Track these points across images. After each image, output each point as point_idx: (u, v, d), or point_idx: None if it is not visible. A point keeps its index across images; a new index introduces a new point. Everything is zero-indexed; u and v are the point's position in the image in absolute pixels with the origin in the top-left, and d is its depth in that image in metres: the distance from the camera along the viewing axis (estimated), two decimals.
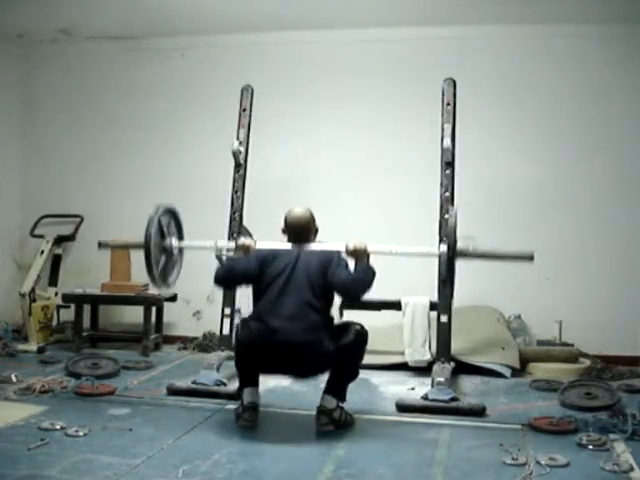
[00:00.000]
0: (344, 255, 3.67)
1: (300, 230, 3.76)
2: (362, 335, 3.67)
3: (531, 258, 3.81)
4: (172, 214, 4.17)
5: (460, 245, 3.79)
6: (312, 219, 3.81)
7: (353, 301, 3.67)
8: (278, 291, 3.57)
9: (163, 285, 4.13)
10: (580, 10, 5.19)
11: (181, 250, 4.21)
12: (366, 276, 3.62)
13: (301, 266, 3.62)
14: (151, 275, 3.94)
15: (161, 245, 4.03)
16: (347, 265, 3.65)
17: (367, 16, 5.49)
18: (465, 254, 3.85)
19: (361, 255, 3.64)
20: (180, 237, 4.21)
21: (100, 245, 4.48)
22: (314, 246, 3.75)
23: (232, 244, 4.02)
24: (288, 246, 3.76)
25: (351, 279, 3.61)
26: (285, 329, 3.48)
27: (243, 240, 3.89)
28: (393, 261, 5.52)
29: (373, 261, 3.68)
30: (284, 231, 3.81)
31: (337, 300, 3.82)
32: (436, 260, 4.38)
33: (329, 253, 3.68)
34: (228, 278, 3.86)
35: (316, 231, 3.83)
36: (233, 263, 3.86)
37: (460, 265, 4.39)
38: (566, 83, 5.53)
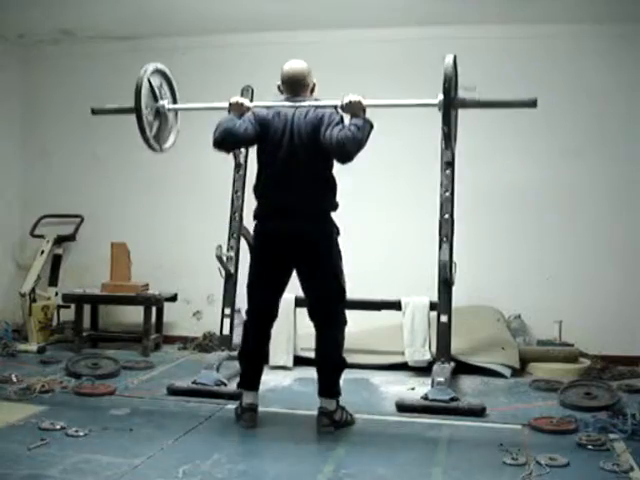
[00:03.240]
0: (339, 110, 3.56)
1: (295, 84, 3.66)
2: (340, 322, 3.65)
3: (534, 104, 3.68)
4: (163, 75, 4.02)
5: (460, 93, 3.64)
6: (308, 72, 3.71)
7: (346, 160, 3.47)
8: (280, 166, 3.53)
9: (159, 149, 3.99)
10: (579, 10, 5.18)
11: (176, 113, 4.08)
12: (359, 132, 3.43)
13: (296, 129, 3.52)
14: (144, 138, 3.83)
15: (154, 107, 3.91)
16: (342, 120, 3.53)
17: (367, 16, 5.48)
18: (464, 104, 3.69)
19: (356, 109, 3.52)
20: (174, 100, 4.08)
21: (93, 111, 4.39)
22: (309, 102, 3.63)
23: (225, 104, 3.79)
24: (283, 104, 3.63)
25: (343, 137, 3.40)
26: (292, 203, 3.50)
27: (236, 99, 3.74)
28: (393, 261, 5.59)
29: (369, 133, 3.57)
30: (280, 88, 3.71)
31: None
32: (436, 260, 4.40)
33: (322, 111, 3.55)
34: (228, 141, 3.64)
35: (313, 87, 3.73)
36: (231, 124, 3.58)
37: (460, 265, 4.42)
38: (565, 83, 5.53)
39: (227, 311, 4.74)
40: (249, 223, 4.92)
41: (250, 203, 4.95)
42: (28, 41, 6.23)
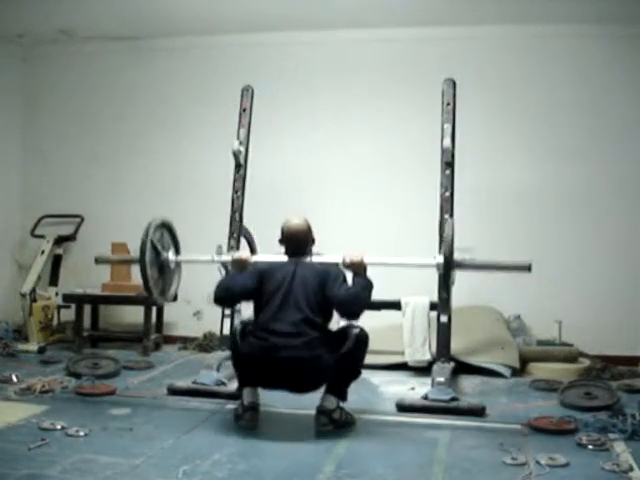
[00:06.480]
0: (341, 267, 3.67)
1: (297, 242, 3.78)
2: (362, 338, 3.66)
3: (529, 269, 3.91)
4: (165, 227, 4.21)
5: (457, 256, 3.88)
6: (309, 230, 3.83)
7: (352, 317, 3.62)
8: (277, 307, 3.56)
9: (162, 299, 4.23)
10: (579, 10, 5.20)
11: (178, 263, 4.27)
12: (363, 291, 3.61)
13: (298, 281, 3.61)
14: (150, 294, 4.07)
15: (157, 262, 4.10)
16: (345, 278, 3.64)
17: (367, 16, 5.49)
18: (462, 265, 3.94)
19: (358, 268, 3.65)
20: (176, 249, 4.28)
21: (97, 261, 4.59)
22: (311, 259, 3.77)
23: (229, 257, 3.99)
24: (285, 258, 3.77)
25: (348, 296, 3.57)
26: (285, 345, 3.47)
27: (239, 255, 3.89)
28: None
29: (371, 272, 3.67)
30: (281, 242, 3.83)
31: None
32: None
33: (326, 267, 3.68)
34: (227, 297, 3.82)
35: (313, 241, 3.85)
36: (231, 281, 3.82)
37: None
38: (565, 83, 5.54)
39: (227, 311, 4.74)
40: (249, 223, 4.95)
41: (250, 203, 5.00)
42: (27, 41, 6.23)
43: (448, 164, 4.50)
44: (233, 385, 4.11)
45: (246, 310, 4.09)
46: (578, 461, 3.10)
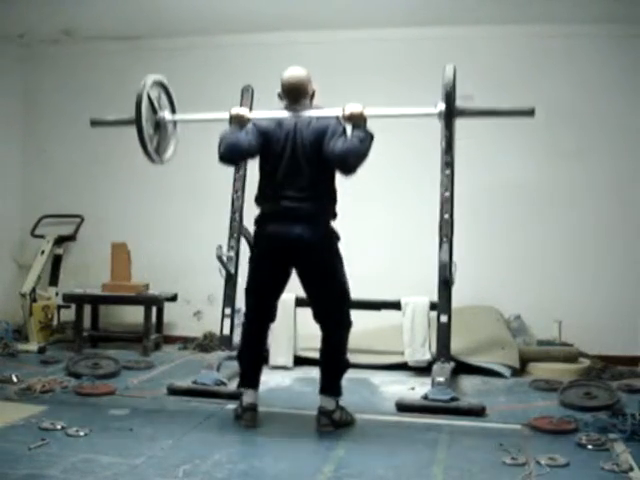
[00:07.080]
0: (341, 120, 3.57)
1: (296, 91, 3.65)
2: (345, 324, 3.67)
3: (531, 112, 3.77)
4: (162, 86, 4.07)
5: (459, 103, 3.74)
6: (308, 79, 3.70)
7: (348, 172, 3.51)
8: (282, 175, 3.54)
9: (159, 161, 4.04)
10: (578, 10, 5.19)
11: (175, 123, 4.13)
12: (361, 144, 3.48)
13: (299, 140, 3.54)
14: (146, 152, 3.88)
15: (153, 120, 3.96)
16: (344, 131, 3.55)
17: (367, 16, 5.49)
18: (464, 112, 3.80)
19: (357, 120, 3.55)
20: (172, 110, 4.13)
21: (92, 123, 4.43)
22: (310, 112, 3.63)
23: (226, 115, 3.78)
24: (284, 114, 3.64)
25: (345, 149, 3.45)
26: (292, 209, 3.51)
27: (237, 110, 3.76)
28: (393, 261, 5.60)
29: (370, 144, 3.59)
30: (280, 95, 3.71)
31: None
32: (436, 261, 4.40)
33: (325, 121, 3.57)
34: (234, 157, 3.73)
35: (313, 94, 3.73)
36: (235, 139, 3.64)
37: (460, 265, 4.42)
38: (564, 83, 5.54)
39: (227, 311, 4.74)
40: (249, 223, 4.92)
41: (250, 203, 4.97)
42: (28, 41, 6.23)
43: (447, 164, 4.49)
44: (233, 385, 4.12)
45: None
46: (578, 461, 3.10)
